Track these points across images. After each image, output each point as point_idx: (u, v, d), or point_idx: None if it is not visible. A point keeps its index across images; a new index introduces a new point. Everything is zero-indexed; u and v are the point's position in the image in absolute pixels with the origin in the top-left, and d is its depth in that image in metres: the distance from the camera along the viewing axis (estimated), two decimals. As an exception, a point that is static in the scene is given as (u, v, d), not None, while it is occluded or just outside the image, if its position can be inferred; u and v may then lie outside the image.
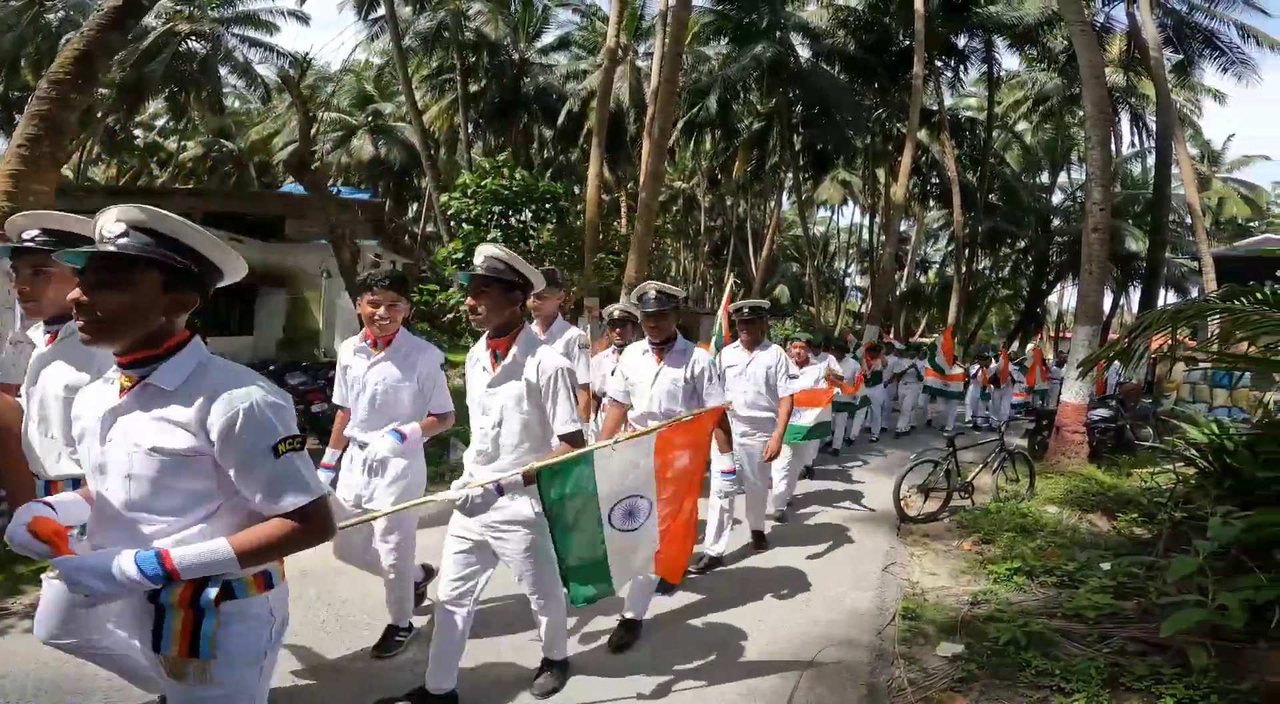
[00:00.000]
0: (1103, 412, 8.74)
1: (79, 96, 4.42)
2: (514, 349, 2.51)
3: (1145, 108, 22.42)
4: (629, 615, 3.37)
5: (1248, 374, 9.75)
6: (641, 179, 11.48)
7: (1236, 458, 4.88)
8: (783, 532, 5.43)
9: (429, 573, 3.64)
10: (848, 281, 42.13)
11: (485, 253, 2.50)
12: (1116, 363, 9.04)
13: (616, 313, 4.66)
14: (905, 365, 11.43)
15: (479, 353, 2.63)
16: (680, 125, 20.51)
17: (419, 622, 3.32)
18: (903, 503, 5.74)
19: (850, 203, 35.21)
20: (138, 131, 28.78)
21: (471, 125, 23.55)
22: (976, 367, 12.91)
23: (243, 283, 2.24)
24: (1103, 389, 10.68)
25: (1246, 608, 2.98)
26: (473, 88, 22.62)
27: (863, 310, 34.01)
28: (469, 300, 2.49)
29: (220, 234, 12.19)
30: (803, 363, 5.95)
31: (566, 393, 2.48)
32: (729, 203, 30.77)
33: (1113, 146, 20.27)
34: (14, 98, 20.94)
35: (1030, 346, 25.87)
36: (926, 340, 24.80)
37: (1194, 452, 5.46)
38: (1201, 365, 10.19)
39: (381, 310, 2.99)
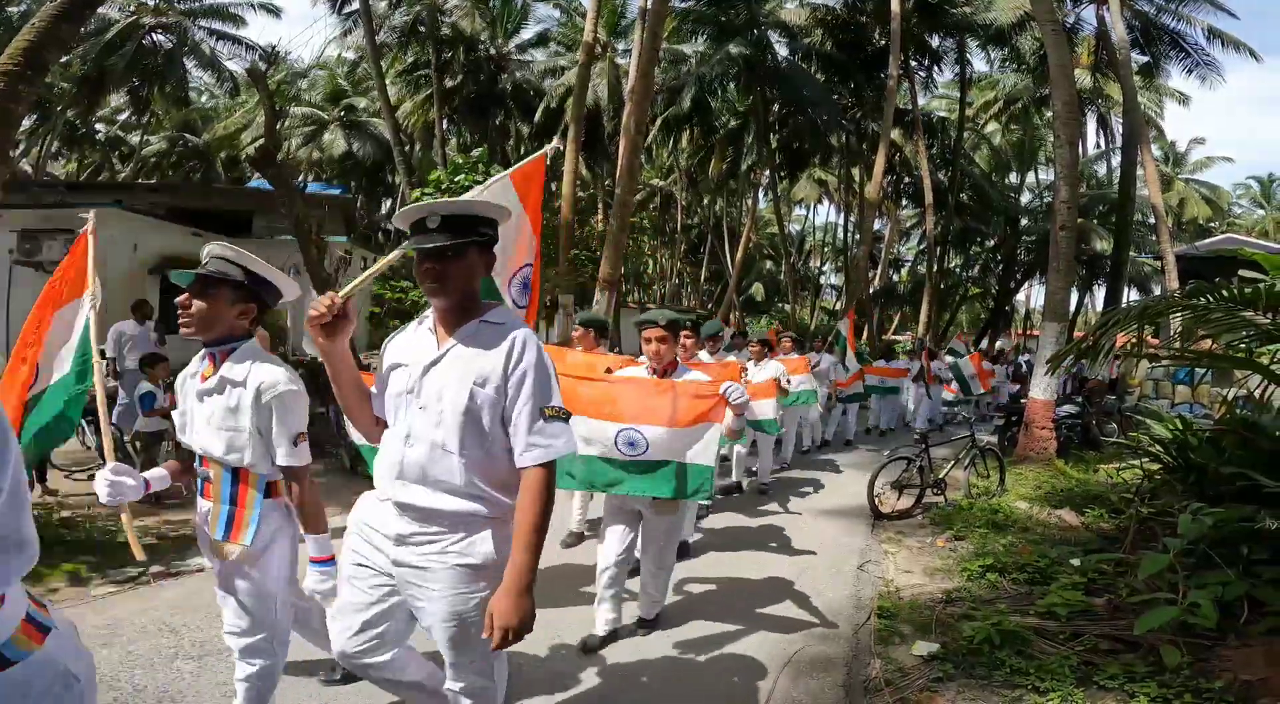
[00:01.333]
0: (1069, 408, 8.90)
1: (28, 88, 4.24)
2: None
3: (1111, 110, 22.88)
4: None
5: (1209, 371, 10.01)
6: (618, 175, 11.41)
7: (1200, 454, 4.97)
8: (757, 529, 5.42)
9: None
10: (823, 279, 42.48)
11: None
12: (1071, 364, 9.23)
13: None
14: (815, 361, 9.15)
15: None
16: (658, 123, 20.48)
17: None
18: (877, 500, 5.77)
19: (826, 201, 35.50)
20: (99, 126, 27.96)
21: (447, 121, 23.25)
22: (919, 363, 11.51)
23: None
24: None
25: (1216, 605, 3.02)
26: (448, 83, 22.32)
27: (837, 308, 34.28)
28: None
29: (183, 230, 11.95)
30: (665, 371, 3.35)
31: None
32: (706, 201, 30.81)
33: (1080, 147, 20.66)
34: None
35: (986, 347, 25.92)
36: (899, 338, 25.10)
37: (1158, 448, 5.56)
38: (1163, 362, 10.42)
39: None
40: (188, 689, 2.74)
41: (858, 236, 23.40)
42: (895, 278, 34.82)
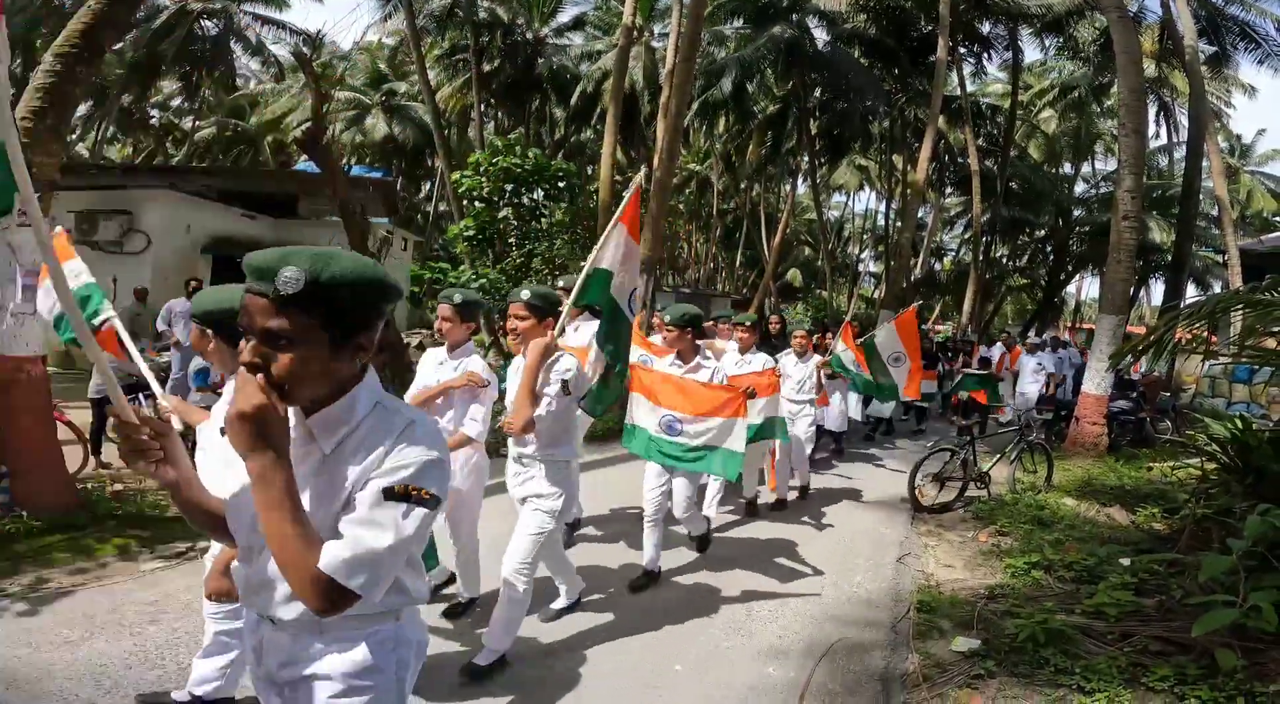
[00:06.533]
0: (1123, 404, 8.60)
1: (85, 69, 4.34)
2: None
3: (1175, 100, 21.86)
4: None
5: (1267, 369, 9.54)
6: (656, 158, 11.30)
7: (1260, 455, 4.75)
8: (795, 520, 5.36)
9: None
10: (861, 267, 41.73)
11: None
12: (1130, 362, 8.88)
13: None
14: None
15: None
16: (695, 107, 20.19)
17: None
18: (917, 492, 5.65)
19: (866, 188, 34.78)
20: (153, 111, 28.76)
21: (484, 105, 23.32)
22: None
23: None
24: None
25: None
26: (486, 67, 22.37)
27: (876, 296, 33.70)
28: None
29: (234, 211, 12.25)
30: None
31: None
32: (743, 186, 30.44)
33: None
34: (29, 79, 20.92)
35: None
36: (940, 328, 24.53)
37: (1216, 447, 5.33)
38: (1222, 360, 9.99)
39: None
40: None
41: (899, 224, 22.87)
42: (937, 266, 34.02)
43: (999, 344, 12.38)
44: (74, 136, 23.23)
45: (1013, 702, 2.80)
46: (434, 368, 3.25)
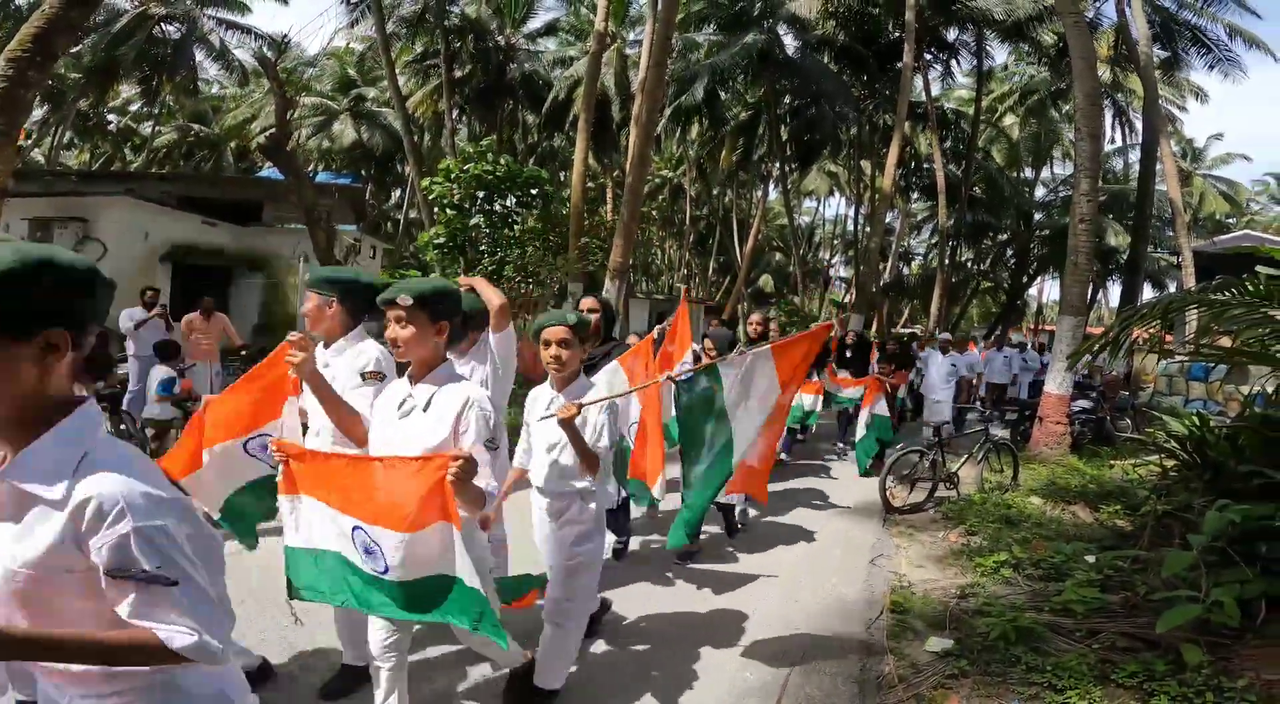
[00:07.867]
0: (1084, 403, 8.81)
1: (37, 74, 4.22)
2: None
3: (1130, 104, 22.57)
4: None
5: (1222, 367, 9.86)
6: (628, 163, 11.32)
7: (1218, 450, 4.90)
8: (768, 524, 5.39)
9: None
10: (832, 272, 42.30)
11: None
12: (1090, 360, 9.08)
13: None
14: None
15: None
16: (667, 113, 20.32)
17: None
18: (888, 494, 5.72)
19: (836, 194, 35.28)
20: (111, 116, 28.05)
21: (456, 111, 23.17)
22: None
23: (217, 266, 2.16)
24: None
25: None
26: (457, 73, 22.24)
27: (847, 300, 34.16)
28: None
29: (194, 218, 11.99)
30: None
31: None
32: (715, 192, 30.65)
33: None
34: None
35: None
36: (909, 331, 24.95)
37: (1174, 444, 5.48)
38: (1178, 358, 10.29)
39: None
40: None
41: (868, 229, 23.23)
42: (905, 271, 34.61)
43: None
44: (30, 142, 22.52)
45: (987, 701, 2.84)
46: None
